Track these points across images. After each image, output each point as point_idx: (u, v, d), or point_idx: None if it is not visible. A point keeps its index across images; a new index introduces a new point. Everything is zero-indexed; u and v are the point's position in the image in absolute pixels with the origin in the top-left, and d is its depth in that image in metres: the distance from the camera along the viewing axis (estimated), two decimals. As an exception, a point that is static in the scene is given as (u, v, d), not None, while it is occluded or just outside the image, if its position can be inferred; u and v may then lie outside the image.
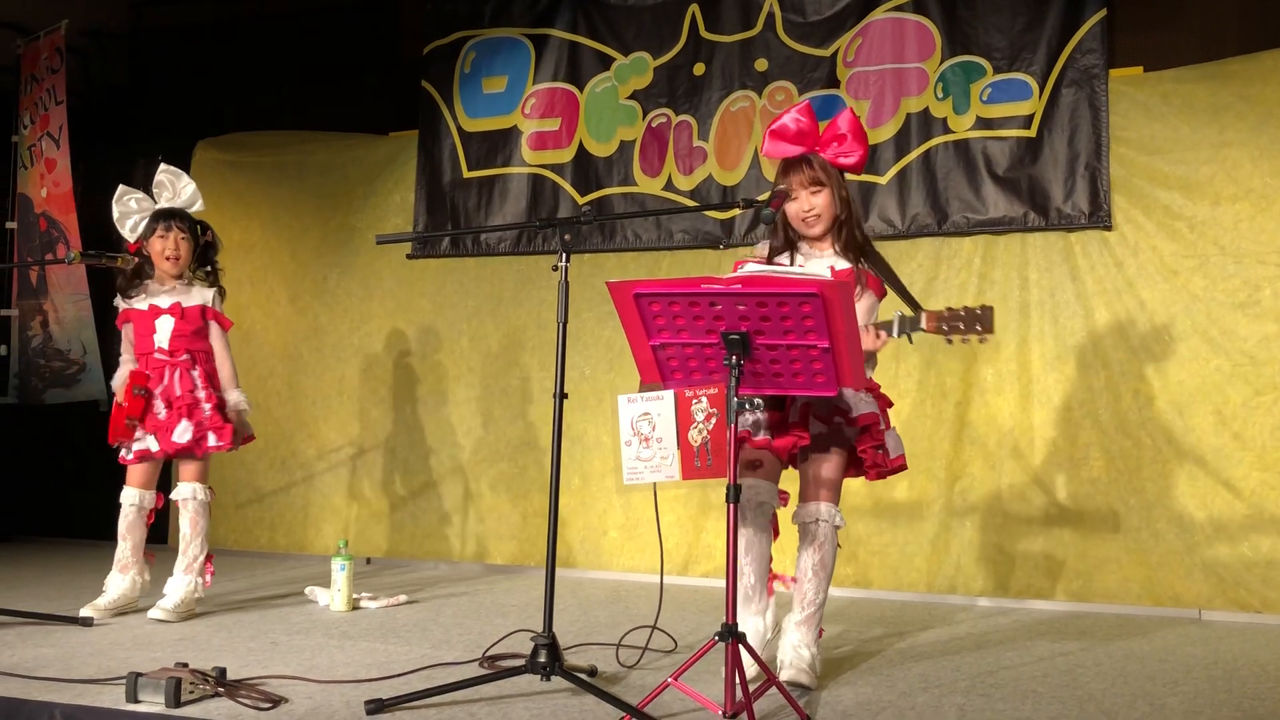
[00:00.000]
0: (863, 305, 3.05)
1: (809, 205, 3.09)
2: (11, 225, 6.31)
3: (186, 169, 6.15)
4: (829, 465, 3.04)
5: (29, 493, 6.38)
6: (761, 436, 2.98)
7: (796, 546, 3.10)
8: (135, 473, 4.01)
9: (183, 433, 3.94)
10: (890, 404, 3.15)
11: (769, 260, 3.17)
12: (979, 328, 2.86)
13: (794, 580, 3.11)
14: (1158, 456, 4.47)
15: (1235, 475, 4.35)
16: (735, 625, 2.54)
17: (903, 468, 3.09)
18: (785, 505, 3.15)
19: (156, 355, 4.03)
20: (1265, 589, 4.24)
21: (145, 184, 4.15)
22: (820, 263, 3.13)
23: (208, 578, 4.03)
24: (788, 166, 3.12)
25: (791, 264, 3.15)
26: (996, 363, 4.73)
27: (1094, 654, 3.54)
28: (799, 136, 3.11)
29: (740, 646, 2.55)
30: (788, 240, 3.20)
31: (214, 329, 4.11)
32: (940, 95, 4.89)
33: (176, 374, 3.99)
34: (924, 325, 2.91)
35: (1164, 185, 4.57)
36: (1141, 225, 4.59)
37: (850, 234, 3.12)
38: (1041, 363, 4.68)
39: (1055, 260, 4.71)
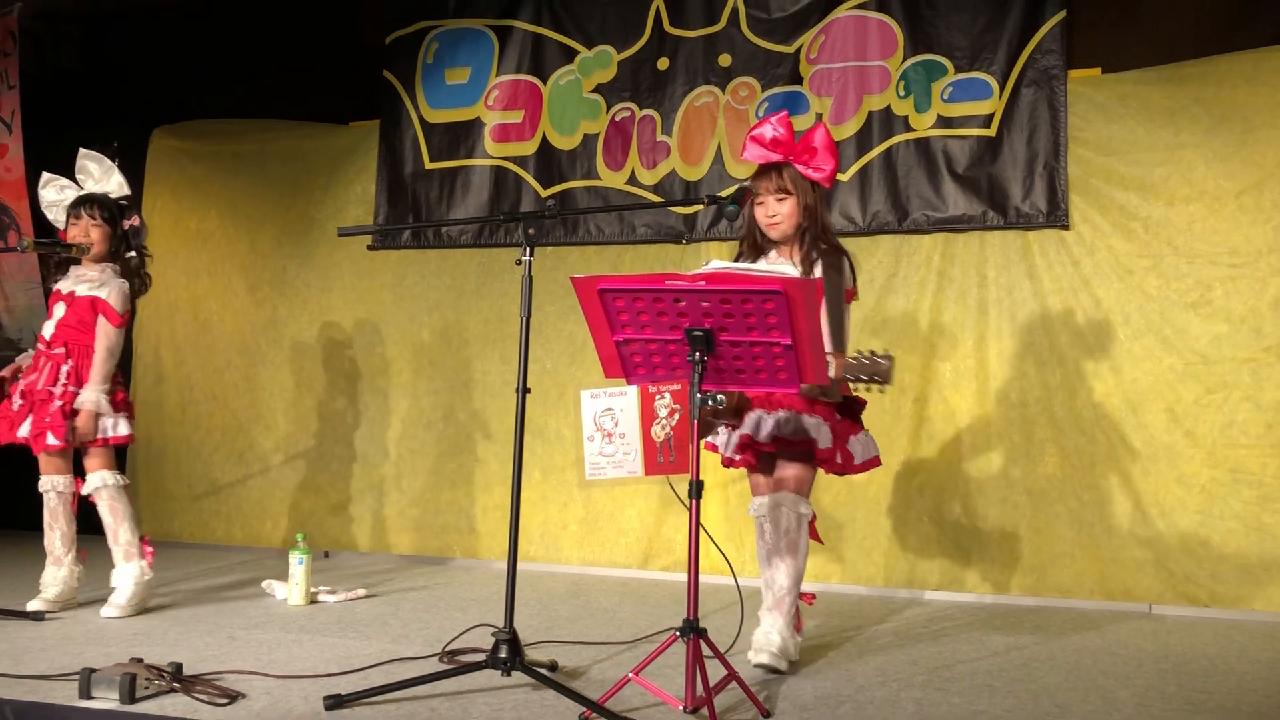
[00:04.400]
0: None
1: (773, 211, 3.29)
2: (-39, 212, 6.18)
3: (143, 157, 6.11)
4: (795, 468, 3.23)
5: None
6: (727, 456, 3.28)
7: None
8: (46, 461, 3.92)
9: (25, 428, 3.84)
10: (864, 404, 3.31)
11: (736, 258, 3.36)
12: (877, 378, 2.97)
13: (813, 597, 3.39)
14: (1111, 453, 4.54)
15: (1186, 472, 4.43)
16: (696, 621, 2.56)
17: (867, 468, 3.30)
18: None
19: (38, 345, 3.95)
20: (1214, 584, 4.32)
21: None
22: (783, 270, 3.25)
23: (149, 559, 3.91)
24: (760, 172, 3.32)
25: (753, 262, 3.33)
26: (954, 359, 4.78)
27: (1048, 648, 3.60)
28: (774, 144, 3.30)
29: (701, 641, 2.56)
30: (755, 244, 3.39)
31: (100, 322, 3.91)
32: (902, 93, 4.92)
33: (47, 368, 3.88)
34: (831, 370, 2.99)
35: (1120, 186, 4.63)
36: (1098, 225, 4.65)
37: (812, 244, 3.28)
38: (999, 359, 4.74)
39: (1013, 258, 4.76)
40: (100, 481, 3.90)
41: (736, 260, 3.33)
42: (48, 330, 3.94)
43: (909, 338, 4.79)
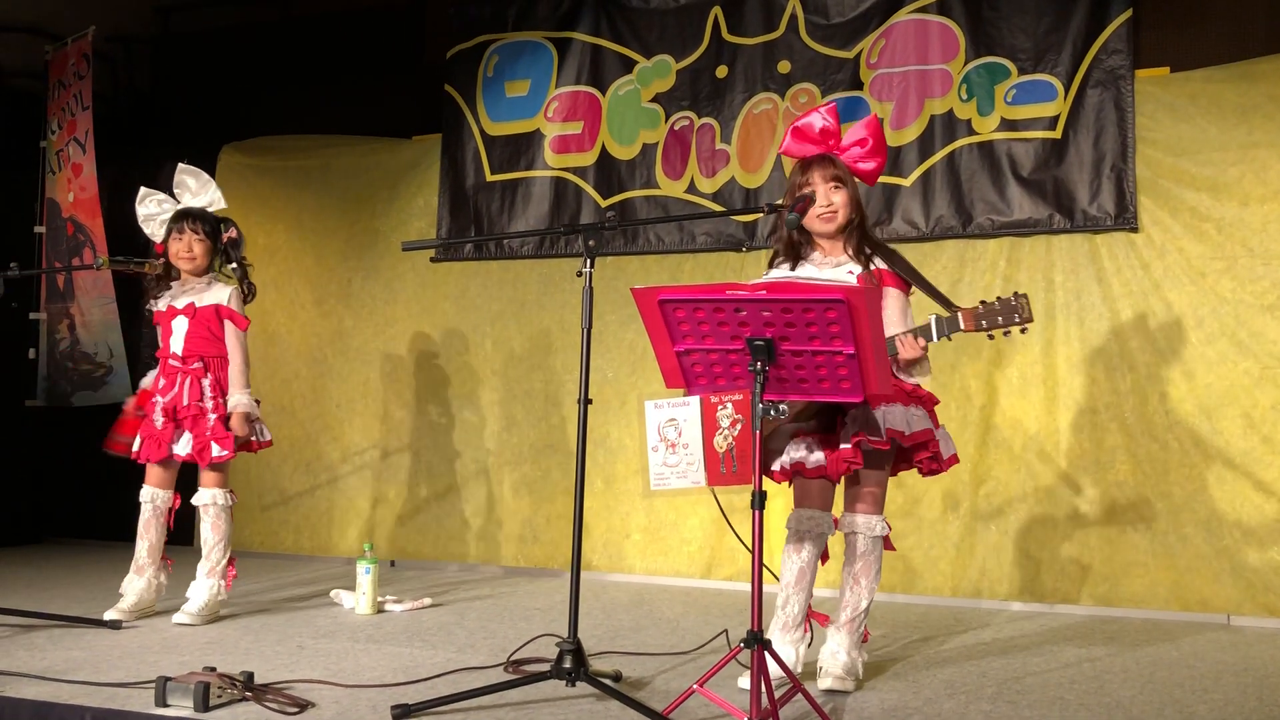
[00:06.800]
0: (895, 304, 3.08)
1: (828, 201, 3.09)
2: (40, 230, 6.36)
3: (212, 173, 6.21)
4: (873, 477, 3.10)
5: (57, 495, 6.44)
6: (814, 466, 3.03)
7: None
8: (152, 472, 3.99)
9: (184, 445, 3.90)
10: (937, 401, 3.16)
11: (770, 266, 3.20)
12: (1018, 318, 2.96)
13: (826, 618, 3.19)
14: (1185, 460, 4.43)
15: (1265, 479, 4.31)
16: (761, 631, 2.54)
17: (950, 466, 3.13)
18: (837, 530, 3.16)
19: (170, 361, 3.99)
20: (1295, 594, 4.21)
21: (170, 188, 4.16)
22: (838, 270, 3.12)
23: (229, 580, 4.00)
24: (808, 164, 3.13)
25: (793, 269, 3.17)
26: (1021, 365, 4.71)
27: (1121, 660, 3.52)
28: (823, 135, 3.13)
29: (766, 653, 2.54)
30: (793, 243, 3.17)
31: (228, 328, 3.99)
32: (964, 97, 4.86)
33: (186, 383, 3.93)
34: (962, 325, 2.98)
35: (1191, 186, 4.53)
36: (1168, 227, 4.55)
37: (861, 238, 3.13)
38: (1067, 365, 4.65)
39: (1081, 262, 4.68)
40: (211, 498, 3.97)
41: (770, 267, 3.18)
42: (176, 345, 3.98)
43: (974, 344, 4.72)
